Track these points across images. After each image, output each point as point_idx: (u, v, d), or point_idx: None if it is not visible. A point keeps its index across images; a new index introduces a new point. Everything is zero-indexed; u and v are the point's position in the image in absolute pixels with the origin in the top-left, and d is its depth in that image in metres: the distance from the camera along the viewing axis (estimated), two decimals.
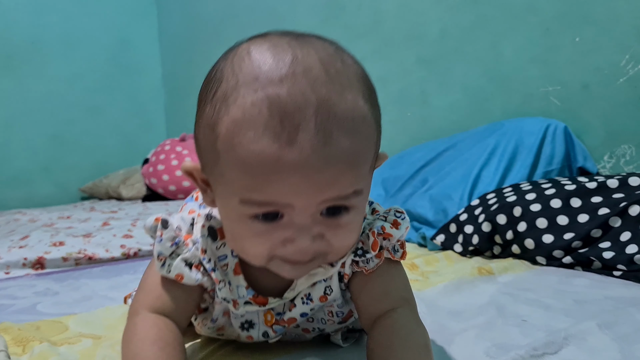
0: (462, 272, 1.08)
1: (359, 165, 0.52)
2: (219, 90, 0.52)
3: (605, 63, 1.45)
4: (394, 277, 0.65)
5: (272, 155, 0.47)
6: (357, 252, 0.63)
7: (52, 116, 3.25)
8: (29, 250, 1.50)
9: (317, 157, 0.48)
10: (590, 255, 1.04)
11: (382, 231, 0.63)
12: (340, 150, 0.49)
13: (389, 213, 0.65)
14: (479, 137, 1.64)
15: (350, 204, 0.54)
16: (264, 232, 0.53)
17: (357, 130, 0.50)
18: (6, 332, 0.83)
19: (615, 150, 1.46)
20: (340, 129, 0.48)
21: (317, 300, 0.65)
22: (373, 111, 0.54)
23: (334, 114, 0.48)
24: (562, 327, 0.74)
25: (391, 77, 2.08)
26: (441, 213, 1.44)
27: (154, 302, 0.62)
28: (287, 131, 0.47)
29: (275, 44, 0.51)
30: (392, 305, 0.62)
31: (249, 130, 0.48)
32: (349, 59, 0.55)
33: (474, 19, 1.77)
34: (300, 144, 0.47)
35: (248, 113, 0.48)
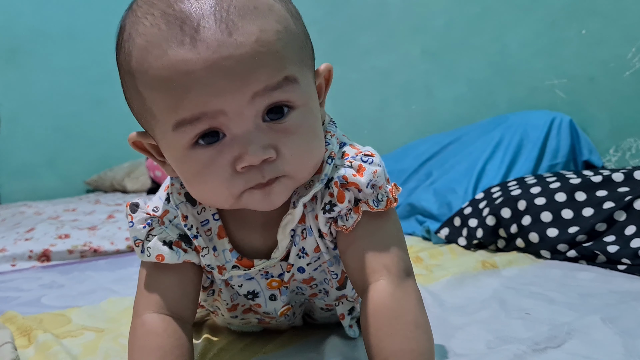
0: (466, 266, 1.08)
1: (278, 49, 0.49)
2: (124, 35, 0.51)
3: (612, 56, 1.44)
4: (375, 239, 0.59)
5: (180, 61, 0.46)
6: (326, 207, 0.58)
7: (57, 109, 3.25)
8: (35, 243, 1.51)
9: (226, 48, 0.46)
10: (595, 249, 1.04)
11: (344, 181, 0.57)
12: (249, 34, 0.47)
13: (356, 157, 0.59)
14: (483, 130, 1.63)
15: (290, 99, 0.51)
16: (212, 159, 0.51)
17: (264, 15, 0.49)
18: (11, 321, 0.84)
19: (620, 144, 1.45)
20: (244, 17, 0.47)
21: (311, 252, 0.63)
22: (284, 4, 0.52)
23: (233, 5, 0.47)
24: (566, 321, 0.74)
25: (396, 69, 2.07)
26: (445, 206, 1.43)
27: (152, 300, 0.60)
28: (189, 34, 0.46)
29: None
30: (373, 279, 0.57)
31: (154, 49, 0.48)
32: None
33: (479, 11, 1.76)
34: (205, 41, 0.46)
35: (149, 35, 0.48)
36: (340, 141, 0.62)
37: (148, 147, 0.58)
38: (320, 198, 0.60)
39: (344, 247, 0.60)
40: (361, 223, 0.58)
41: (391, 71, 2.08)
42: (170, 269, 0.61)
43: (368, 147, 0.62)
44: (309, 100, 0.53)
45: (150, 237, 0.60)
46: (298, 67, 0.52)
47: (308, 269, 0.65)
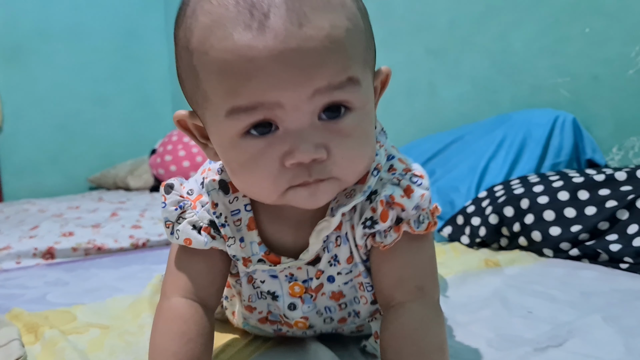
0: (468, 264, 1.08)
1: (346, 47, 0.47)
2: (187, 11, 0.50)
3: (615, 54, 1.44)
4: (412, 259, 0.58)
5: (244, 46, 0.45)
6: (366, 223, 0.57)
7: (60, 107, 3.26)
8: (39, 241, 1.52)
9: (294, 39, 0.44)
10: (597, 248, 1.04)
11: (391, 200, 0.56)
12: (319, 29, 0.45)
13: (404, 176, 0.58)
14: (487, 128, 1.63)
15: (350, 100, 0.49)
16: (262, 151, 0.49)
17: (336, 10, 0.47)
18: (17, 318, 0.85)
19: (624, 143, 1.45)
20: (316, 10, 0.45)
21: (344, 261, 0.61)
22: (355, 1, 0.51)
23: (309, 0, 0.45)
24: (567, 320, 0.75)
25: (399, 67, 2.07)
26: (448, 205, 1.44)
27: (180, 284, 0.60)
28: (257, 20, 0.44)
29: None
30: (405, 297, 0.57)
31: (219, 30, 0.46)
32: None
33: (483, 9, 1.76)
34: (274, 30, 0.44)
35: (215, 14, 0.46)
36: (388, 153, 0.61)
37: (192, 128, 0.57)
38: (360, 210, 0.58)
39: (378, 263, 0.59)
40: (399, 242, 0.57)
41: (394, 69, 2.05)
42: (200, 254, 0.61)
43: (417, 166, 0.60)
44: (367, 103, 0.52)
45: (181, 219, 0.60)
46: (362, 67, 0.51)
47: (338, 279, 0.63)
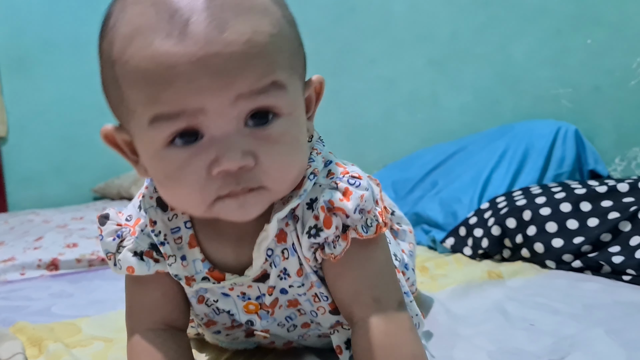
0: (471, 276, 1.08)
1: (269, 52, 0.46)
2: (109, 22, 0.49)
3: (617, 65, 1.45)
4: (365, 270, 0.57)
5: (165, 53, 0.43)
6: (311, 232, 0.55)
7: (64, 117, 3.27)
8: (44, 252, 1.52)
9: (215, 45, 0.43)
10: (600, 260, 1.04)
11: (330, 205, 0.54)
12: (240, 34, 0.44)
13: (342, 179, 0.56)
14: (489, 139, 1.64)
15: (276, 105, 0.48)
16: (187, 161, 0.47)
17: (258, 16, 0.46)
18: (21, 332, 0.85)
19: (626, 153, 1.45)
20: (238, 15, 0.45)
21: (294, 274, 0.59)
22: (280, 8, 0.50)
23: (227, 2, 0.45)
24: (570, 333, 0.75)
25: (401, 78, 2.08)
26: (451, 216, 1.44)
27: (140, 317, 0.60)
28: (178, 27, 0.43)
29: None
30: (364, 312, 0.55)
31: (139, 39, 0.45)
32: None
33: (484, 20, 1.77)
34: (194, 36, 0.43)
35: (136, 24, 0.45)
36: (325, 159, 0.59)
37: (121, 144, 0.54)
38: (302, 219, 0.56)
39: (332, 277, 0.58)
40: (350, 251, 0.55)
41: (397, 80, 2.09)
42: (150, 281, 0.59)
43: (355, 168, 0.58)
44: (295, 109, 0.50)
45: (121, 248, 0.58)
46: (288, 73, 0.49)
47: (291, 291, 0.61)
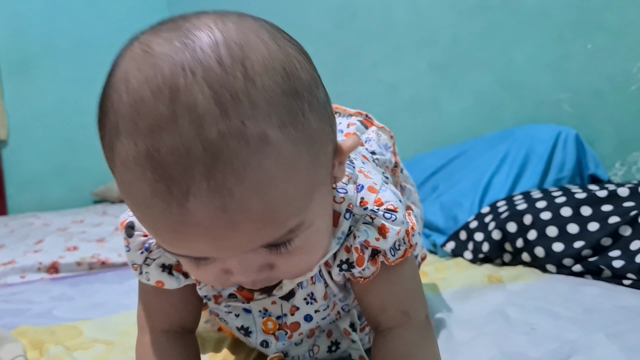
0: (471, 280, 1.08)
1: (283, 209, 0.41)
2: (105, 127, 0.42)
3: (618, 70, 1.45)
4: (393, 286, 0.57)
5: (168, 224, 0.39)
6: (342, 267, 0.55)
7: (65, 120, 3.28)
8: (44, 255, 1.53)
9: (219, 226, 0.39)
10: (600, 264, 1.04)
11: (365, 244, 0.53)
12: (246, 210, 0.38)
13: (377, 212, 0.54)
14: (490, 144, 1.64)
15: (295, 236, 0.44)
16: (202, 266, 0.46)
17: (270, 180, 0.39)
18: (23, 335, 0.85)
19: (627, 158, 1.45)
20: (243, 184, 0.38)
21: (321, 299, 0.59)
22: (299, 135, 0.40)
23: (230, 166, 0.37)
24: (571, 337, 0.75)
25: (403, 83, 2.09)
26: (451, 220, 1.44)
27: (155, 317, 0.60)
28: (177, 200, 0.38)
29: (157, 60, 0.39)
30: (391, 323, 0.56)
31: (139, 192, 0.39)
32: (259, 60, 0.39)
33: (486, 25, 1.78)
34: (196, 215, 0.38)
35: (133, 173, 0.39)
36: (357, 184, 0.56)
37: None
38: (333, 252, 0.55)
39: (361, 293, 0.58)
40: (378, 272, 0.55)
41: (398, 84, 2.10)
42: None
43: (389, 193, 0.56)
44: (317, 220, 0.46)
45: (149, 260, 0.57)
46: (307, 205, 0.43)
47: (316, 316, 0.61)
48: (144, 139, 0.37)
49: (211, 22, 0.40)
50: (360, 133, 0.77)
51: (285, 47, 0.42)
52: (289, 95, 0.40)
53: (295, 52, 0.43)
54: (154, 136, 0.37)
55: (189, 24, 0.40)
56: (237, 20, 0.42)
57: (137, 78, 0.38)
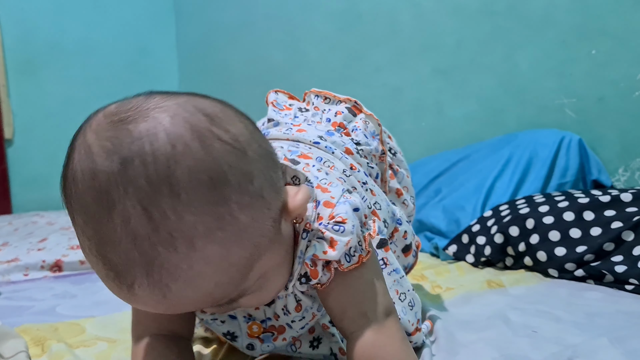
0: (472, 284, 1.08)
1: (220, 293, 0.47)
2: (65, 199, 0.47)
3: (621, 76, 1.45)
4: (349, 290, 0.58)
5: (121, 296, 0.46)
6: (301, 280, 0.57)
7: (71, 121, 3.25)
8: (47, 253, 1.53)
9: (163, 307, 0.46)
10: (603, 269, 1.04)
11: (315, 258, 0.56)
12: (184, 297, 0.45)
13: (327, 226, 0.56)
14: (493, 148, 1.64)
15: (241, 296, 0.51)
16: None
17: (200, 276, 0.44)
18: (26, 332, 0.85)
19: (630, 164, 1.45)
20: (177, 282, 0.43)
21: (293, 311, 0.63)
22: (226, 235, 0.44)
23: (164, 268, 0.43)
24: (572, 340, 0.75)
25: (406, 87, 2.09)
26: (454, 224, 1.44)
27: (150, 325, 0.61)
28: (125, 287, 0.44)
29: (96, 167, 0.43)
30: (353, 326, 0.58)
31: (98, 274, 0.46)
32: (185, 175, 0.42)
33: (490, 30, 1.78)
34: (142, 298, 0.44)
35: (88, 256, 0.45)
36: (315, 200, 0.58)
37: None
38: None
39: (323, 299, 0.60)
40: (334, 277, 0.57)
41: (402, 88, 2.10)
42: None
43: (341, 207, 0.57)
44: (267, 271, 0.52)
45: None
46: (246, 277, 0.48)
47: (295, 326, 0.64)
48: (92, 238, 0.43)
49: (146, 128, 0.43)
50: (347, 121, 0.80)
51: (215, 150, 0.44)
52: (215, 203, 0.43)
53: (226, 150, 0.45)
54: (100, 238, 0.43)
55: (126, 130, 0.43)
56: (170, 124, 0.44)
57: (82, 181, 0.44)
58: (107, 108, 0.47)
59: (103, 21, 3.39)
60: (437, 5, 1.94)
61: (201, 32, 3.40)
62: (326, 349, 0.69)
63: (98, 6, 3.38)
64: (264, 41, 2.79)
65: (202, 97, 0.49)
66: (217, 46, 3.22)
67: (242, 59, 2.98)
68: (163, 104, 0.46)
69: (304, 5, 2.52)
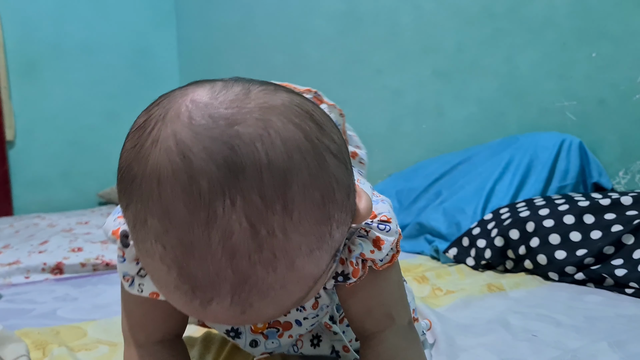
0: (473, 287, 1.08)
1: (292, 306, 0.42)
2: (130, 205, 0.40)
3: (622, 79, 1.45)
4: (378, 290, 0.57)
5: (186, 309, 0.41)
6: (338, 279, 0.55)
7: (72, 122, 3.30)
8: (48, 256, 1.54)
9: (235, 322, 0.42)
10: (603, 272, 1.04)
11: (361, 257, 0.54)
12: (263, 314, 0.41)
13: (371, 225, 0.54)
14: (493, 150, 1.64)
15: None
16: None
17: (289, 295, 0.40)
18: (27, 336, 0.86)
19: (630, 167, 1.45)
20: (264, 300, 0.39)
21: (309, 308, 0.60)
22: (323, 255, 0.41)
23: (256, 289, 0.38)
24: (573, 345, 0.75)
25: (407, 89, 2.09)
26: (454, 226, 1.45)
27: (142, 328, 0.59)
28: (200, 300, 0.39)
29: (194, 169, 0.37)
30: (376, 327, 0.56)
31: (160, 278, 0.40)
32: (300, 190, 0.38)
33: (490, 32, 1.78)
34: (215, 313, 0.40)
35: (157, 265, 0.39)
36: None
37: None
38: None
39: (346, 297, 0.58)
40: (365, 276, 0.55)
41: (402, 91, 2.10)
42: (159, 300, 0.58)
43: (382, 204, 0.56)
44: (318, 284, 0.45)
45: (143, 271, 0.53)
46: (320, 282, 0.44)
47: (305, 323, 0.63)
48: (173, 247, 0.37)
49: (259, 133, 0.37)
50: None
51: (327, 164, 0.40)
52: (321, 223, 0.39)
53: (335, 164, 0.41)
54: (185, 249, 0.37)
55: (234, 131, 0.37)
56: (284, 130, 0.38)
57: (172, 182, 0.37)
58: (193, 94, 0.40)
59: (104, 23, 3.39)
60: (437, 7, 1.95)
61: (202, 34, 3.41)
62: (327, 347, 0.69)
63: (99, 8, 3.39)
64: (264, 43, 2.79)
65: (295, 94, 0.43)
66: (218, 48, 3.23)
67: (243, 61, 2.98)
68: (270, 102, 0.40)
69: (304, 8, 2.52)
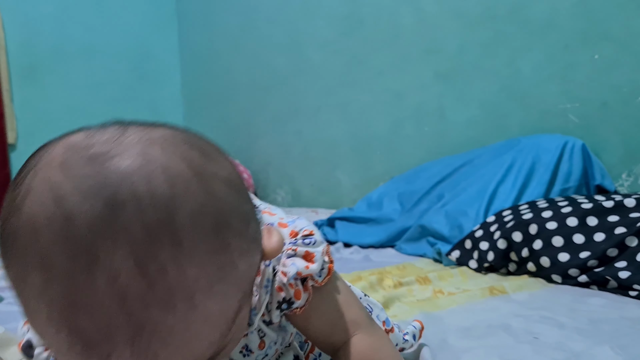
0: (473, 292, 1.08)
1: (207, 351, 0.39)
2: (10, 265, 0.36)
3: (624, 81, 1.45)
4: (332, 302, 0.56)
5: None
6: (282, 307, 0.53)
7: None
8: None
9: None
10: (606, 275, 1.04)
11: (298, 277, 0.52)
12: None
13: (297, 242, 0.53)
14: (495, 153, 1.64)
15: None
16: None
17: (196, 337, 0.36)
18: None
19: (633, 169, 1.45)
20: (168, 347, 0.35)
21: (256, 349, 0.58)
22: (227, 287, 0.38)
23: (156, 336, 0.34)
24: (575, 347, 0.74)
25: (409, 91, 2.09)
26: (457, 229, 1.44)
27: None
28: (97, 358, 0.34)
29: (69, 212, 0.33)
30: (346, 336, 0.55)
31: (53, 346, 0.36)
32: (186, 220, 0.35)
33: (492, 34, 1.78)
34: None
35: (46, 330, 0.35)
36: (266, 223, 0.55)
37: None
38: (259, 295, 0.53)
39: (303, 323, 0.57)
40: (312, 296, 0.54)
41: (404, 93, 2.10)
42: None
43: (299, 222, 0.56)
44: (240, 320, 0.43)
45: None
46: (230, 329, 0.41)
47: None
48: (57, 301, 0.33)
49: (137, 165, 0.35)
50: None
51: (215, 191, 0.38)
52: (218, 252, 0.37)
53: (224, 190, 0.39)
54: (69, 302, 0.33)
55: (109, 166, 0.35)
56: (166, 160, 0.36)
57: (47, 230, 0.34)
58: (67, 139, 0.38)
59: (106, 26, 3.40)
60: (439, 9, 1.95)
61: (204, 37, 3.41)
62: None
63: (101, 11, 3.40)
64: (266, 46, 2.80)
65: (178, 129, 0.41)
66: (220, 51, 3.23)
67: (245, 64, 2.98)
68: (148, 135, 0.37)
69: (306, 10, 2.52)
